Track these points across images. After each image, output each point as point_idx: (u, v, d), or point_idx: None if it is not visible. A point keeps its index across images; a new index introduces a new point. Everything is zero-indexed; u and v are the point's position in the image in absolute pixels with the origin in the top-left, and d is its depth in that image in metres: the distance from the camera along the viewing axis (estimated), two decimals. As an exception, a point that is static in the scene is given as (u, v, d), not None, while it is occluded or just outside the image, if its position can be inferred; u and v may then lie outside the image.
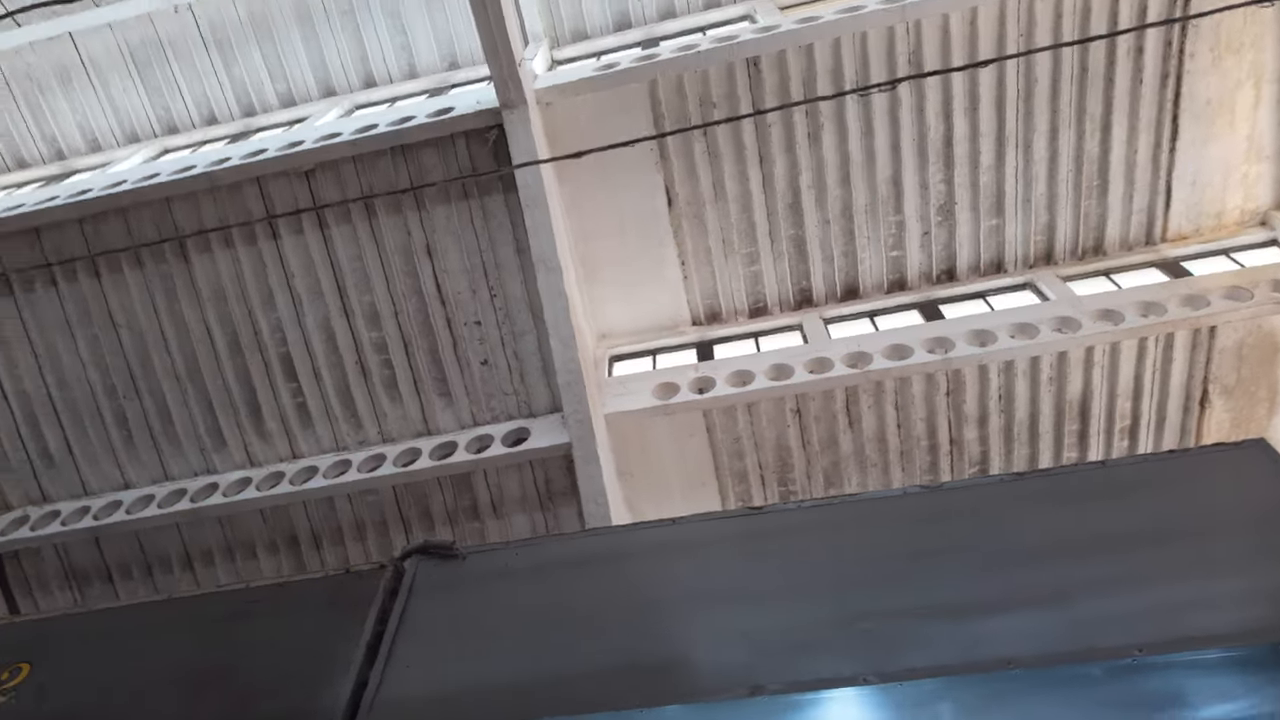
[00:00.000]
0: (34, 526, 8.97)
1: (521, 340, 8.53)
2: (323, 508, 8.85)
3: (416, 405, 8.87)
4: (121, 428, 9.11)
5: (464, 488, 8.77)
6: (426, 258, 8.44)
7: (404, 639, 1.94)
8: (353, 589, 2.11)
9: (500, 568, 2.18)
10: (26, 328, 8.93)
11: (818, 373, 8.26)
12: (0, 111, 10.78)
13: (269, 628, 2.06)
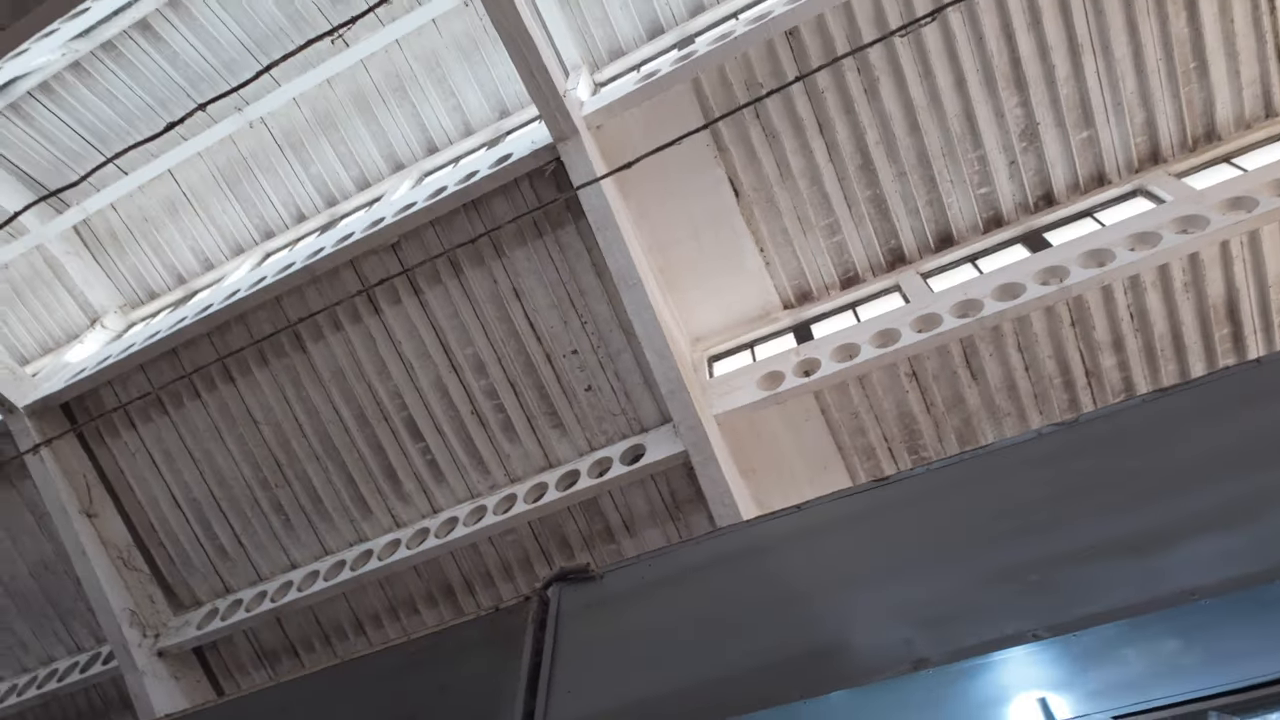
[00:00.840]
0: (223, 617, 9.83)
1: (619, 359, 8.65)
2: (469, 554, 9.24)
3: (534, 442, 9.14)
4: (279, 514, 9.87)
5: (594, 512, 8.95)
6: (515, 300, 8.72)
7: (560, 665, 1.99)
8: (504, 625, 2.19)
9: (637, 581, 2.20)
10: (184, 440, 9.87)
11: (927, 330, 7.92)
12: (126, 253, 12.03)
13: (436, 674, 2.17)
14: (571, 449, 9.10)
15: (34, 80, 10.47)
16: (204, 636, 9.73)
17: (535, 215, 8.44)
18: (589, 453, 9.08)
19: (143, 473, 10.08)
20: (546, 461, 9.22)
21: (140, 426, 10.00)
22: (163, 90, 10.81)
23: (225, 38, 10.42)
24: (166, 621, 10.09)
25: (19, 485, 10.48)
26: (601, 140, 8.30)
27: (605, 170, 7.91)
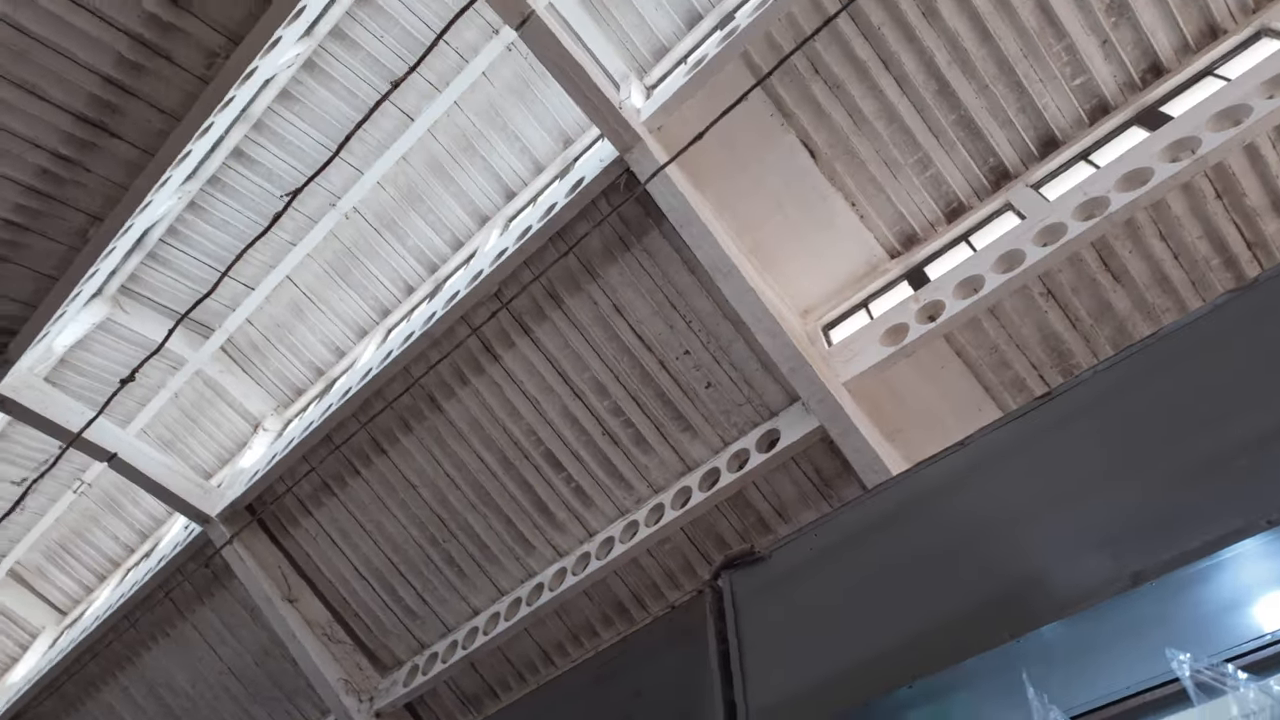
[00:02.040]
0: (424, 671, 10.46)
1: (732, 350, 8.56)
2: (632, 570, 9.39)
3: (668, 449, 9.19)
4: (451, 566, 10.42)
5: (743, 505, 8.87)
6: (618, 316, 8.84)
7: (749, 650, 1.97)
8: (683, 622, 2.19)
9: (806, 553, 2.15)
10: (354, 516, 10.64)
11: (1052, 243, 7.35)
12: (269, 359, 13.16)
13: (628, 680, 2.20)
14: (705, 448, 9.08)
15: (162, 226, 11.71)
16: (412, 692, 10.39)
17: (620, 230, 8.55)
18: (724, 449, 9.02)
19: (326, 553, 10.94)
20: (684, 465, 9.24)
21: (315, 512, 10.87)
22: (265, 204, 11.80)
23: (305, 143, 11.26)
24: (376, 685, 10.85)
25: (228, 585, 11.64)
26: (665, 140, 8.30)
27: (673, 166, 7.90)
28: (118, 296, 12.28)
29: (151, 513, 14.80)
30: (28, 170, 8.36)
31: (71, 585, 16.09)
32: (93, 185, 8.69)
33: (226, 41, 7.70)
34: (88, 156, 8.35)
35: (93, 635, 12.75)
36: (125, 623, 12.60)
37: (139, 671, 12.86)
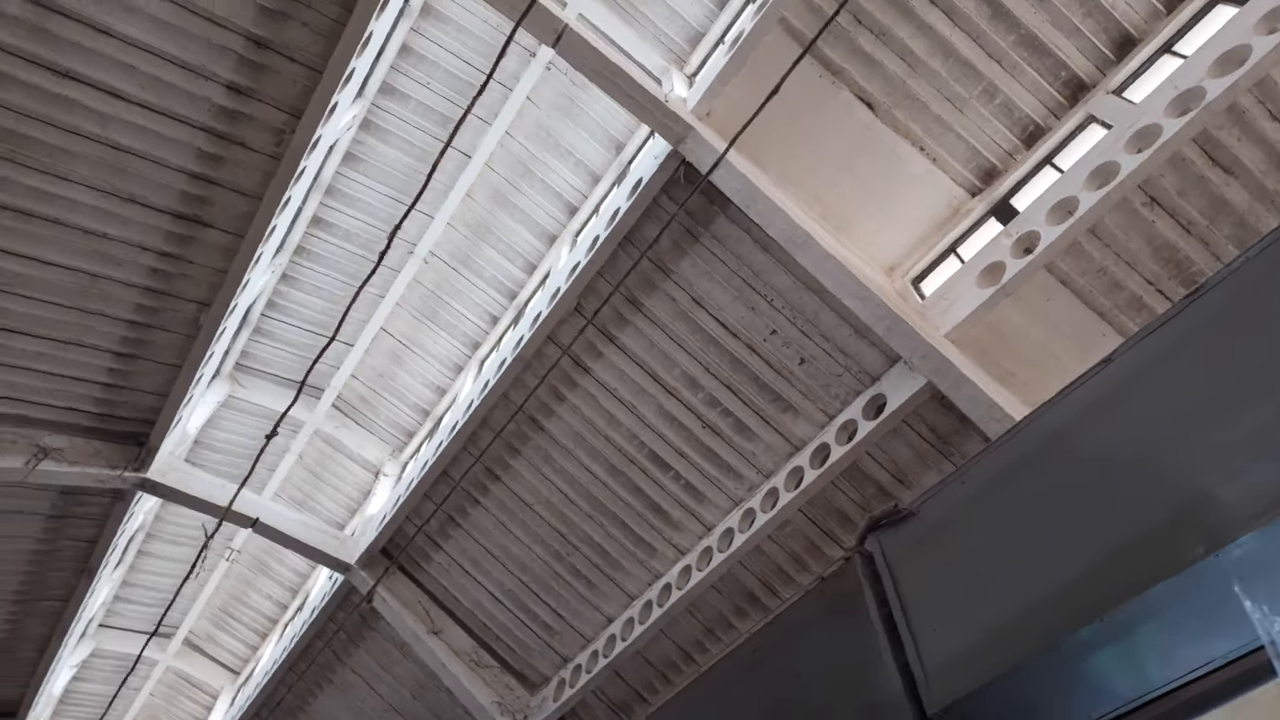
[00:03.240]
0: (571, 684, 10.69)
1: (820, 321, 8.37)
2: (756, 558, 9.30)
3: (771, 432, 9.06)
4: (579, 579, 10.61)
5: (859, 477, 8.64)
6: (698, 308, 8.80)
7: (913, 609, 1.89)
8: (835, 592, 2.14)
9: (956, 500, 2.05)
10: (480, 543, 11.01)
11: (1147, 147, 6.82)
12: (377, 409, 13.81)
13: (785, 661, 2.16)
14: (810, 425, 8.89)
15: (261, 301, 12.50)
16: (562, 706, 10.63)
17: (686, 223, 8.52)
18: (829, 422, 8.82)
19: (460, 583, 11.37)
20: (791, 446, 9.08)
21: (444, 545, 11.32)
22: (350, 265, 12.41)
23: (375, 199, 11.78)
24: (528, 703, 11.17)
25: (376, 626, 12.26)
26: (716, 124, 8.22)
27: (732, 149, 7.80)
28: (234, 374, 13.18)
29: (296, 569, 15.80)
30: (141, 273, 9.09)
31: (239, 646, 17.36)
32: (196, 275, 9.37)
33: (289, 117, 8.15)
34: (188, 249, 9.01)
35: (265, 690, 13.71)
36: (291, 674, 13.48)
37: (311, 717, 13.71)
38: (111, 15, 7.11)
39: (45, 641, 13.39)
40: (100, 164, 8.03)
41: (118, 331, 9.55)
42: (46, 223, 8.26)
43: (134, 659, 13.98)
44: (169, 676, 17.84)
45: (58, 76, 7.30)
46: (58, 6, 6.94)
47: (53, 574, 12.25)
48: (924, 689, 1.69)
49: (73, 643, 14.04)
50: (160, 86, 7.67)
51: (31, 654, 13.59)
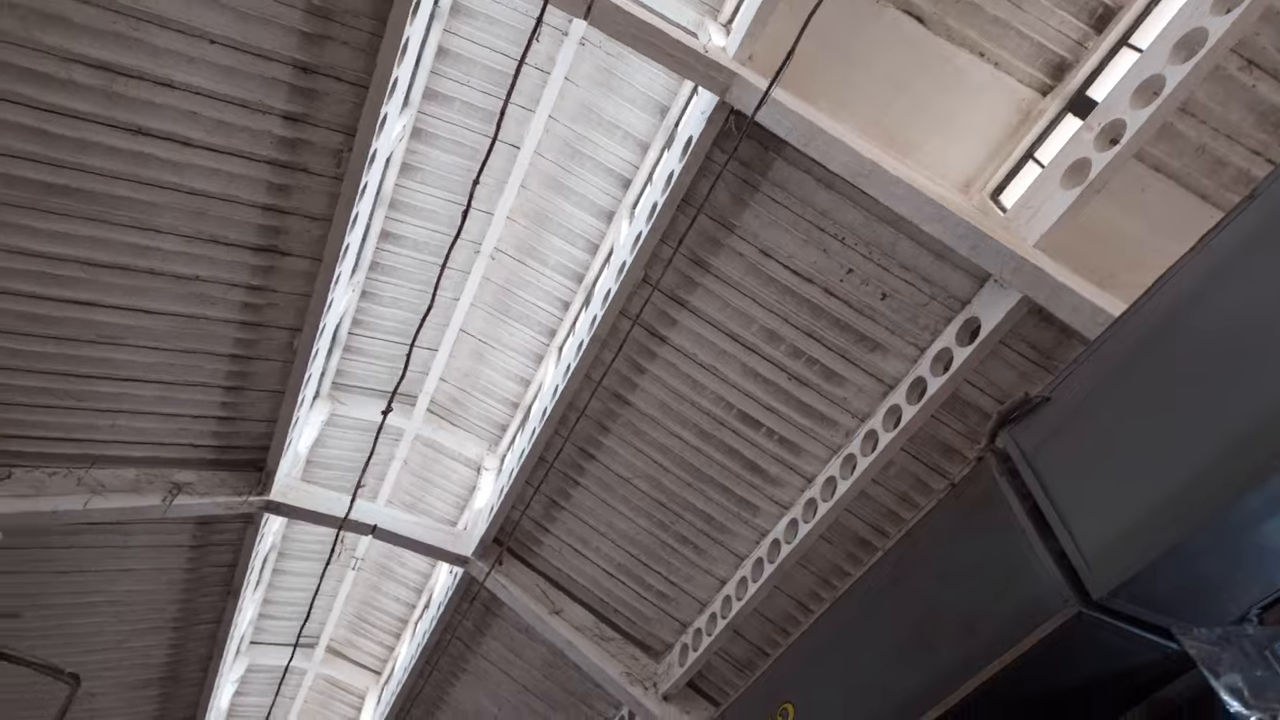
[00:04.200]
0: (694, 648, 10.82)
1: (898, 251, 8.05)
2: (863, 503, 9.13)
3: (860, 374, 8.82)
4: (686, 545, 10.69)
5: (960, 406, 8.32)
6: (768, 259, 8.62)
7: (1060, 495, 1.78)
8: (971, 496, 2.05)
9: (1093, 380, 1.91)
10: (585, 522, 11.22)
11: (1237, 4, 6.20)
12: (469, 407, 14.22)
13: (930, 569, 2.09)
14: (901, 361, 8.61)
15: (346, 320, 13.03)
16: (689, 671, 10.79)
17: (743, 174, 8.33)
18: (921, 355, 8.51)
19: (573, 563, 11.65)
20: (884, 385, 8.83)
21: (552, 528, 11.62)
22: (422, 272, 12.76)
23: (436, 205, 12.04)
24: (655, 671, 11.39)
25: (499, 613, 12.73)
26: (760, 67, 7.96)
27: (780, 89, 7.55)
28: (333, 393, 13.82)
29: (418, 569, 16.56)
30: (234, 308, 9.59)
31: (376, 648, 18.39)
32: (283, 303, 9.81)
33: (344, 136, 8.39)
34: (272, 279, 9.43)
35: (406, 686, 14.48)
36: (428, 668, 14.18)
37: (451, 708, 14.42)
38: (171, 68, 7.47)
39: (206, 661, 14.55)
40: (182, 211, 8.49)
41: (222, 367, 10.15)
42: (144, 274, 8.82)
43: (282, 671, 15.02)
44: (319, 683, 19.09)
45: (131, 134, 7.73)
46: (122, 68, 7.34)
47: (202, 599, 13.25)
48: (1086, 576, 1.60)
49: (230, 660, 15.18)
50: (224, 128, 8.02)
51: (196, 674, 14.79)
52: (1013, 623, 1.71)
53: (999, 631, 1.73)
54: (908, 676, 1.96)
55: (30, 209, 7.88)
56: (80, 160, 7.74)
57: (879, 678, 2.02)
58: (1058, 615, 1.59)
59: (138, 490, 10.45)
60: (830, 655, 2.34)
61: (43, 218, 7.99)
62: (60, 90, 7.29)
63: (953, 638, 1.87)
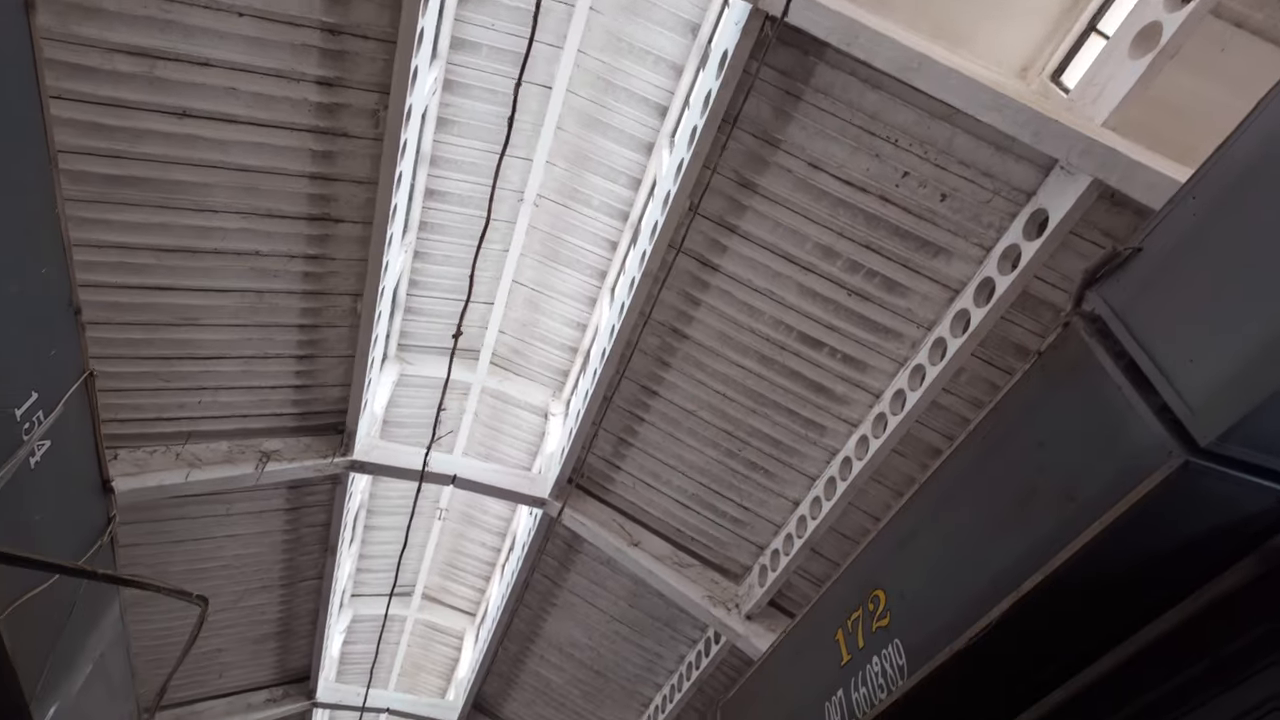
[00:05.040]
0: (772, 569, 11.01)
1: (955, 147, 7.68)
2: (935, 414, 8.98)
3: (924, 281, 8.56)
4: (756, 470, 10.77)
5: (1033, 304, 8.01)
6: (817, 172, 8.35)
7: (1158, 350, 1.70)
8: (1060, 361, 1.98)
9: (1181, 228, 1.80)
10: (654, 457, 11.40)
11: None
12: (529, 355, 14.44)
13: (1024, 439, 2.03)
14: (966, 263, 8.31)
15: (404, 281, 13.29)
16: (769, 590, 11.01)
17: (784, 85, 8.02)
18: (987, 255, 8.19)
19: (646, 496, 11.90)
20: (950, 290, 8.56)
21: (622, 465, 11.85)
22: (469, 226, 12.84)
23: (475, 157, 12.02)
24: (735, 593, 11.66)
25: (580, 549, 13.16)
26: (793, -33, 7.56)
27: (816, -12, 7.16)
28: (399, 354, 14.22)
29: (499, 514, 17.21)
30: (296, 279, 9.88)
31: (468, 591, 19.34)
32: (342, 269, 10.05)
33: (379, 95, 8.39)
34: (328, 247, 9.65)
35: (500, 624, 15.22)
36: (520, 606, 14.86)
37: (545, 640, 15.13)
38: (206, 46, 7.56)
39: (314, 615, 15.56)
40: (235, 189, 8.71)
41: (293, 337, 10.53)
42: (209, 255, 9.14)
43: (383, 619, 15.98)
44: (418, 628, 20.26)
45: (178, 117, 7.91)
46: (159, 52, 7.46)
47: (303, 557, 14.11)
48: (1191, 424, 1.54)
49: (335, 612, 16.21)
50: (263, 101, 8.12)
51: (307, 626, 15.85)
52: (1113, 483, 1.66)
53: (1099, 494, 1.69)
54: (1002, 550, 1.95)
55: (101, 202, 8.20)
56: (137, 149, 7.97)
57: (971, 555, 2.01)
58: (1163, 468, 1.54)
59: (231, 461, 11.07)
60: (918, 539, 2.33)
61: (113, 209, 8.31)
62: (106, 81, 7.47)
63: (1049, 506, 1.83)
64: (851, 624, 2.52)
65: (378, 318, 10.68)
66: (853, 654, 2.50)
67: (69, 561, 3.63)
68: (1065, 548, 1.72)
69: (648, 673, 14.00)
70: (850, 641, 2.52)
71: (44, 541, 3.56)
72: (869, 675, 2.42)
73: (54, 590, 3.60)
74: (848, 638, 2.55)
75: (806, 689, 2.91)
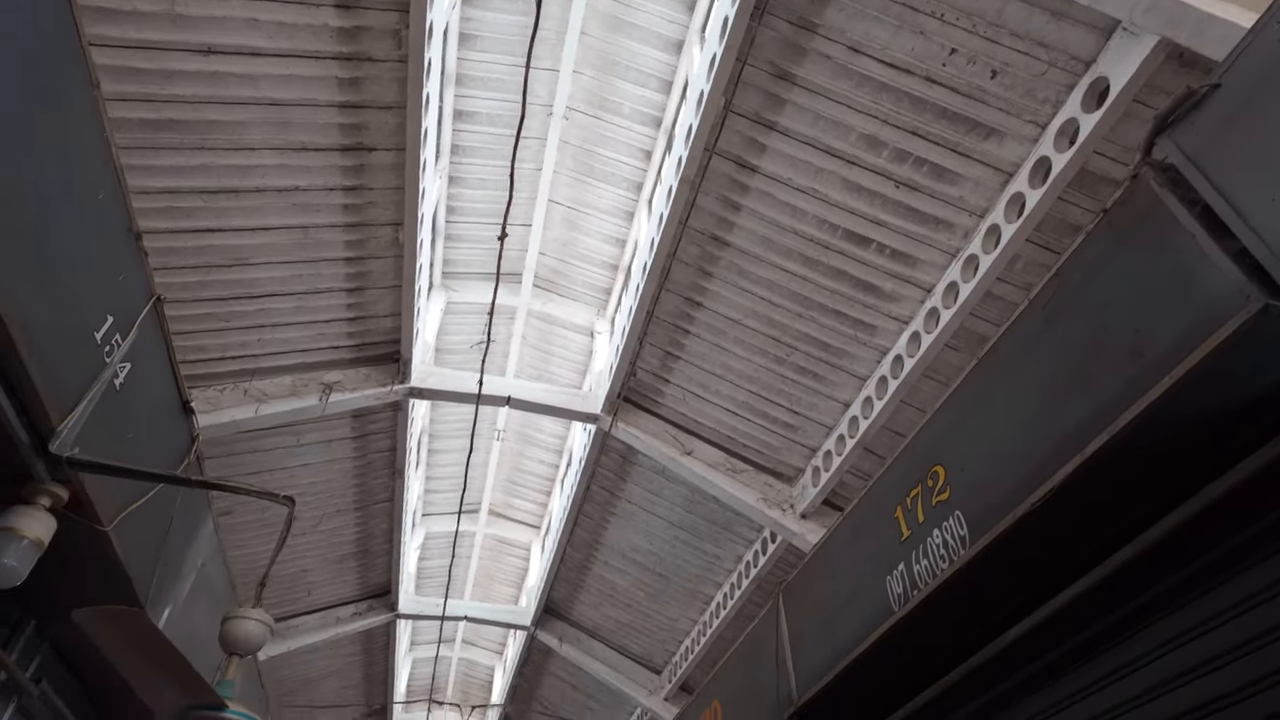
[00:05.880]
0: (825, 469, 11.13)
1: (1005, 18, 7.16)
2: (989, 304, 8.75)
3: (975, 165, 8.18)
4: (806, 375, 10.75)
5: (1093, 182, 7.61)
6: (858, 55, 7.92)
7: (1236, 194, 1.61)
8: (1130, 213, 1.88)
9: (1265, 58, 1.66)
10: (702, 368, 11.45)
11: None
12: (571, 275, 14.43)
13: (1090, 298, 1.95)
14: (1020, 142, 7.89)
15: (441, 208, 13.29)
16: (823, 490, 11.17)
17: (818, -37, 7.53)
18: (1042, 133, 7.76)
19: (696, 407, 12.04)
20: (1003, 174, 8.17)
21: (670, 378, 11.96)
22: (500, 148, 12.66)
23: (500, 73, 11.74)
24: (790, 494, 11.87)
25: (635, 460, 13.50)
26: None
27: None
28: (445, 282, 14.39)
29: (554, 432, 17.68)
30: (337, 212, 9.96)
31: (531, 506, 20.14)
32: (380, 199, 10.08)
33: (399, 14, 8.19)
34: (365, 177, 9.67)
35: (563, 535, 15.88)
36: (580, 517, 15.44)
37: (608, 547, 15.76)
38: (220, -24, 7.42)
39: (389, 534, 16.46)
40: (268, 124, 8.71)
41: (340, 270, 10.72)
42: (251, 194, 9.25)
43: (454, 535, 16.80)
44: (488, 542, 21.29)
45: (204, 55, 7.86)
46: (177, -14, 7.36)
47: (374, 482, 14.81)
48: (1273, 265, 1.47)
49: (408, 531, 17.10)
50: (286, 30, 8.00)
51: (384, 546, 16.80)
52: (1185, 336, 1.61)
53: (1169, 349, 1.63)
54: (1066, 413, 1.92)
55: (143, 148, 8.30)
56: (168, 91, 7.99)
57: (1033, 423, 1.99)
58: (1240, 313, 1.48)
59: (296, 394, 11.52)
60: (978, 412, 2.31)
61: (155, 155, 8.42)
62: (130, 23, 7.43)
63: (1115, 366, 1.79)
64: (911, 501, 2.55)
65: (420, 246, 10.76)
66: (913, 529, 2.54)
67: (166, 470, 3.91)
68: (1131, 406, 1.69)
69: (707, 572, 14.53)
70: (910, 517, 2.56)
71: (138, 459, 3.82)
72: (930, 548, 2.47)
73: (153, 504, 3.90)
74: (907, 514, 2.59)
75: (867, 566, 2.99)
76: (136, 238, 3.95)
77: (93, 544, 3.67)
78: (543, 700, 21.98)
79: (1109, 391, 1.82)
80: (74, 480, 3.42)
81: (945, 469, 2.34)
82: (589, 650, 18.10)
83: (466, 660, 26.02)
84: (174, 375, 4.58)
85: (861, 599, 3.14)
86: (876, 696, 3.96)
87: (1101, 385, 1.83)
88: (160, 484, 3.82)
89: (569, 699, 20.86)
